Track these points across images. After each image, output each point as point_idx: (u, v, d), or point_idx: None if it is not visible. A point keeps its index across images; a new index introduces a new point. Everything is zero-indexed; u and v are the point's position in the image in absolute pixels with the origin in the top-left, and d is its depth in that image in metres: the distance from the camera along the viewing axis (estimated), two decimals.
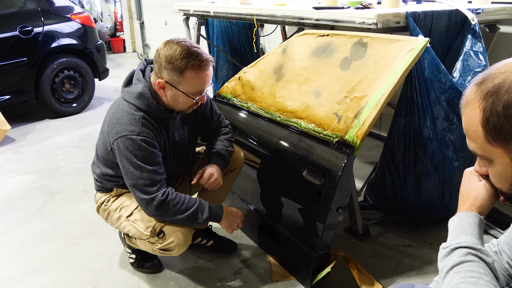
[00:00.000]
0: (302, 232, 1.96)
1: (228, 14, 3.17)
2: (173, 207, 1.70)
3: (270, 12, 2.72)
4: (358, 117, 1.81)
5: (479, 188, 0.98)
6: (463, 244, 0.89)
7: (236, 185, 2.41)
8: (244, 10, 2.97)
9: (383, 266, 2.11)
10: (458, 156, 2.17)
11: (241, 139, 2.35)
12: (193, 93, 1.73)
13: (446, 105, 2.10)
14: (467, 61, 2.24)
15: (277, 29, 4.10)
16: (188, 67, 1.65)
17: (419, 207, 2.27)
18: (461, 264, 0.87)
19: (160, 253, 1.81)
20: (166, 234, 1.76)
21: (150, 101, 1.74)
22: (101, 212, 1.98)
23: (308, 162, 1.90)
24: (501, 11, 2.45)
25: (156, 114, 1.76)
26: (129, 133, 1.69)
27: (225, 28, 4.12)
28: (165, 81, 1.70)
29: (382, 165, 2.30)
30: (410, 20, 2.05)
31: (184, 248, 1.80)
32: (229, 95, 2.65)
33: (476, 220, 0.95)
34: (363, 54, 1.99)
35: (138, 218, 1.83)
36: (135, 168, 1.68)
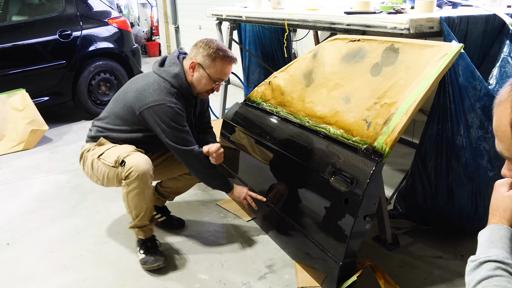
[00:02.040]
0: (329, 239, 1.93)
1: (260, 19, 3.19)
2: (203, 159, 2.12)
3: (302, 17, 2.71)
4: (387, 124, 1.78)
5: (507, 199, 0.95)
6: (492, 258, 0.87)
7: (263, 189, 2.42)
8: (275, 15, 2.97)
9: (411, 277, 2.05)
10: (494, 166, 2.10)
11: (269, 144, 2.35)
12: (215, 78, 2.12)
13: (481, 113, 2.03)
14: (504, 68, 2.17)
15: (309, 34, 4.09)
16: (219, 56, 2.09)
17: (451, 217, 2.20)
18: (489, 279, 0.84)
19: (126, 184, 2.04)
20: (126, 163, 2.02)
21: (183, 81, 2.13)
22: (83, 160, 2.25)
23: (336, 169, 1.88)
24: None
25: (184, 93, 2.14)
26: (167, 102, 2.04)
27: (257, 33, 4.14)
28: (198, 62, 2.11)
29: (413, 173, 2.25)
30: (444, 25, 2.00)
31: (145, 176, 2.02)
32: (259, 99, 2.66)
33: (508, 233, 0.92)
34: (394, 59, 1.96)
35: (107, 155, 2.10)
36: (173, 129, 2.04)
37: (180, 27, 8.54)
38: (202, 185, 3.05)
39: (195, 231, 2.49)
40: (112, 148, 2.14)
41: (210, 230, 2.51)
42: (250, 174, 2.59)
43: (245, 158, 2.64)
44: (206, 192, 2.98)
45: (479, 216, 2.19)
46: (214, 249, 2.32)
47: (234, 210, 2.70)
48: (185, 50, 8.44)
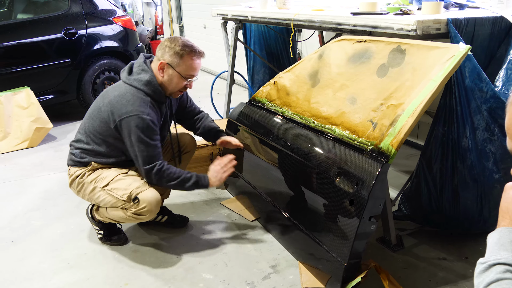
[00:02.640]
0: (333, 240, 1.93)
1: (266, 19, 3.19)
2: (167, 175, 2.07)
3: (308, 18, 2.71)
4: (394, 125, 1.78)
5: None
6: (502, 261, 0.86)
7: (268, 189, 2.42)
8: (281, 15, 2.97)
9: (415, 278, 2.05)
10: (499, 168, 2.09)
11: (274, 144, 2.35)
12: (186, 76, 2.11)
13: (487, 115, 2.02)
14: (511, 70, 2.16)
15: (314, 34, 4.09)
16: (186, 52, 2.07)
17: (456, 219, 2.20)
18: (499, 281, 0.84)
19: (133, 217, 2.11)
20: (140, 200, 2.06)
21: (156, 87, 2.10)
22: (75, 185, 2.23)
23: (341, 169, 1.88)
24: None
25: (158, 98, 2.13)
26: (140, 113, 2.02)
27: (263, 33, 4.14)
28: (166, 62, 2.08)
29: (418, 174, 2.24)
30: (451, 27, 1.99)
31: (154, 214, 2.11)
32: (264, 99, 2.66)
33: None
34: (401, 61, 1.95)
35: (115, 187, 2.11)
36: (141, 142, 2.02)
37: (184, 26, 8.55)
38: None
39: (199, 231, 2.50)
40: (115, 176, 2.13)
41: (214, 229, 2.51)
42: (255, 174, 2.59)
43: (249, 158, 2.64)
44: (210, 191, 2.98)
45: (484, 218, 2.18)
46: (218, 248, 2.32)
47: (238, 210, 2.71)
48: None
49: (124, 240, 2.38)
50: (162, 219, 2.51)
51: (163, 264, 2.20)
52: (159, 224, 2.50)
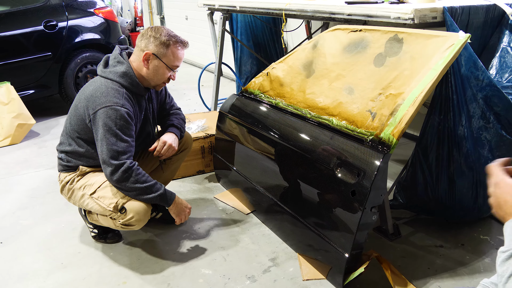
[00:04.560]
0: (335, 231, 1.92)
1: (255, 9, 3.14)
2: (136, 175, 1.92)
3: (300, 7, 2.67)
4: (394, 115, 1.77)
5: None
6: None
7: (264, 182, 2.40)
8: (272, 4, 2.93)
9: (415, 266, 2.06)
10: (494, 155, 2.11)
11: (269, 136, 2.32)
12: (172, 66, 2.04)
13: (483, 103, 2.04)
14: (504, 58, 2.18)
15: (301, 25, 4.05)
16: (172, 43, 2.01)
17: (451, 207, 2.21)
18: None
19: (122, 228, 2.02)
20: (127, 210, 1.96)
21: (133, 78, 2.01)
22: (65, 191, 2.15)
23: (341, 160, 1.87)
24: None
25: (136, 91, 2.04)
26: (114, 104, 1.91)
27: (249, 23, 4.08)
28: (152, 52, 1.99)
29: (413, 163, 2.25)
30: (447, 15, 1.99)
31: (143, 223, 2.02)
32: (256, 91, 2.62)
33: None
34: (398, 50, 1.94)
35: (101, 196, 2.02)
36: (112, 135, 1.89)
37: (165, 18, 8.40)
38: (198, 179, 3.02)
39: (194, 226, 2.46)
40: (103, 183, 2.03)
41: (209, 224, 2.48)
42: (250, 167, 2.56)
43: (244, 151, 2.61)
44: (203, 185, 2.94)
45: (478, 206, 2.21)
46: (215, 243, 2.29)
47: (233, 203, 2.68)
48: None
49: (119, 238, 2.33)
50: (157, 215, 2.46)
51: (161, 261, 2.16)
52: (153, 220, 2.45)
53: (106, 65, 2.07)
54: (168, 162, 2.40)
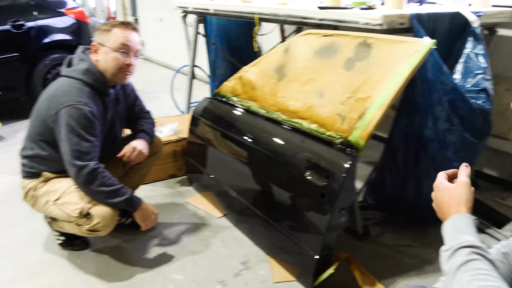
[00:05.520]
0: (304, 233, 1.94)
1: (229, 12, 3.14)
2: (101, 178, 1.88)
3: (273, 11, 2.69)
4: (362, 118, 1.81)
5: (456, 188, 1.02)
6: (465, 244, 0.91)
7: (236, 185, 2.40)
8: (245, 8, 2.94)
9: (383, 266, 2.10)
10: (459, 157, 2.17)
11: (241, 139, 2.33)
12: (118, 48, 1.96)
13: (448, 107, 2.10)
14: (468, 63, 2.25)
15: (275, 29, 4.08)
16: (114, 26, 1.98)
17: (419, 207, 2.27)
18: (468, 263, 0.88)
19: (88, 234, 1.97)
20: (93, 216, 1.91)
21: (96, 75, 1.97)
22: (29, 198, 2.09)
23: (311, 163, 1.89)
24: (500, 15, 2.46)
25: (100, 87, 1.99)
26: (76, 103, 1.86)
27: (224, 26, 4.09)
28: (97, 43, 1.98)
29: (382, 165, 2.30)
30: (414, 21, 2.04)
31: (110, 228, 1.98)
32: (229, 94, 2.63)
33: (471, 220, 0.98)
34: (367, 54, 1.98)
35: (66, 202, 1.96)
36: (75, 135, 1.85)
37: (140, 19, 8.32)
38: (170, 183, 3.00)
39: (165, 231, 2.44)
40: (67, 189, 1.97)
41: (180, 229, 2.46)
42: (222, 170, 2.57)
43: (216, 155, 2.61)
44: (175, 189, 2.92)
45: None
46: (186, 248, 2.28)
47: (204, 207, 2.67)
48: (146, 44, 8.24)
49: (86, 245, 2.27)
50: (126, 221, 2.42)
51: (130, 267, 2.12)
52: (123, 226, 2.41)
53: (69, 65, 2.03)
54: (137, 167, 2.36)
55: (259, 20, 2.83)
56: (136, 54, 2.05)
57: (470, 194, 1.02)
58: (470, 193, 1.02)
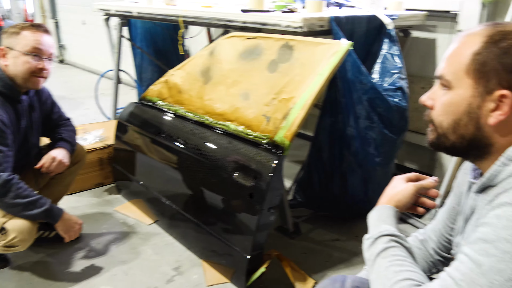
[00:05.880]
0: (235, 234, 1.95)
1: (153, 15, 3.09)
2: (15, 189, 1.77)
3: (197, 14, 2.69)
4: (286, 118, 1.85)
5: (400, 186, 1.07)
6: (385, 233, 0.96)
7: (165, 190, 2.36)
8: (169, 11, 2.90)
9: (314, 261, 2.17)
10: (379, 152, 2.29)
11: (169, 143, 2.29)
12: (28, 51, 1.87)
13: (368, 105, 2.20)
14: (385, 63, 2.38)
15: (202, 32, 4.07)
16: (23, 29, 1.89)
17: (345, 202, 2.37)
18: (386, 250, 0.93)
19: (5, 250, 1.86)
20: (8, 230, 1.79)
21: (5, 80, 1.87)
22: None
23: (238, 164, 1.90)
24: (413, 18, 2.63)
25: (10, 94, 1.89)
26: None
27: (149, 29, 4.01)
28: (6, 46, 1.88)
29: (309, 163, 2.37)
30: (333, 24, 2.13)
31: (29, 243, 1.86)
32: (155, 98, 2.58)
33: (393, 212, 1.03)
34: (289, 56, 2.04)
35: None
36: None
37: (60, 22, 7.92)
38: (97, 192, 2.89)
39: (93, 241, 2.34)
40: None
41: (109, 238, 2.37)
42: (151, 176, 2.51)
43: (144, 160, 2.55)
44: (103, 198, 2.81)
45: (369, 199, 2.38)
46: (116, 258, 2.20)
47: (134, 214, 2.60)
48: (68, 48, 7.87)
49: (6, 262, 2.11)
50: (49, 234, 2.28)
51: (55, 283, 2.01)
52: (46, 240, 2.27)
53: None
54: (59, 177, 2.23)
55: (184, 23, 2.81)
56: (49, 58, 1.96)
57: (408, 197, 1.04)
58: (408, 196, 1.04)
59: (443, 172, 2.80)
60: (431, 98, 0.97)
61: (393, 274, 0.88)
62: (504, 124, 0.86)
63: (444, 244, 1.19)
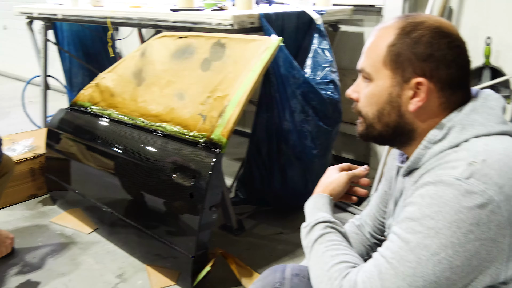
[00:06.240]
0: (178, 236, 1.94)
1: (79, 17, 2.97)
2: None
3: (125, 15, 2.62)
4: (222, 116, 1.86)
5: (333, 176, 1.10)
6: (321, 220, 0.99)
7: (104, 197, 2.29)
8: (96, 12, 2.81)
9: (259, 256, 2.19)
10: (316, 144, 2.35)
11: (104, 149, 2.22)
12: None
13: (302, 99, 2.26)
14: (316, 58, 2.45)
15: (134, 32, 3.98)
16: None
17: (286, 195, 2.41)
18: (323, 236, 0.96)
19: None
20: None
21: None
22: None
23: (177, 165, 1.88)
24: (341, 13, 2.72)
25: None
26: None
27: (77, 32, 3.85)
28: None
29: (249, 160, 2.39)
30: (263, 21, 2.16)
31: None
32: (86, 103, 2.49)
33: (328, 200, 1.07)
34: (222, 54, 2.04)
35: None
36: None
37: None
38: (31, 205, 2.74)
39: (28, 256, 2.22)
40: None
41: (46, 251, 2.26)
42: (87, 183, 2.42)
43: (79, 168, 2.45)
44: (37, 210, 2.68)
45: (309, 191, 2.36)
46: (54, 271, 2.10)
47: (72, 224, 2.49)
48: None
49: None
50: None
51: None
52: None
53: None
54: None
55: (112, 25, 2.73)
56: None
57: (342, 185, 1.08)
58: (342, 184, 1.08)
59: (377, 160, 2.93)
60: (355, 91, 1.01)
61: (330, 258, 0.91)
62: (423, 110, 0.91)
63: (379, 227, 1.24)
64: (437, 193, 0.79)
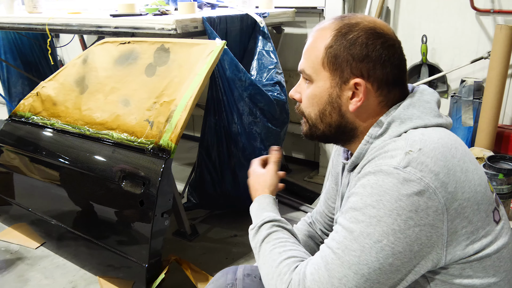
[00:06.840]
0: (130, 244, 1.90)
1: (15, 25, 2.84)
2: None
3: (64, 21, 2.54)
4: (169, 121, 1.84)
5: (264, 175, 1.14)
6: (266, 220, 1.01)
7: (51, 210, 2.21)
8: (33, 19, 2.70)
9: (214, 260, 2.19)
10: (265, 145, 2.39)
11: (49, 160, 2.15)
12: None
13: (249, 101, 2.28)
14: (261, 60, 2.48)
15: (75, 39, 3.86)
16: None
17: (238, 197, 2.43)
18: (269, 235, 0.98)
19: None
20: None
21: None
22: None
23: (126, 173, 1.85)
24: (284, 15, 2.78)
25: None
26: None
27: (14, 40, 3.69)
28: None
29: (200, 164, 2.39)
30: (206, 24, 2.16)
31: None
32: (27, 113, 2.40)
33: (271, 199, 1.09)
34: (166, 59, 2.03)
35: None
36: None
37: None
38: None
39: None
40: None
41: None
42: (33, 197, 2.33)
43: (23, 181, 2.35)
44: None
45: None
46: None
47: (17, 240, 2.39)
48: None
49: None
50: None
51: None
52: None
53: None
54: None
55: (51, 32, 2.64)
56: None
57: (275, 178, 1.13)
58: (275, 177, 1.13)
59: (327, 158, 3.01)
60: (298, 92, 1.03)
61: (277, 255, 0.92)
62: (363, 109, 0.94)
63: (329, 223, 1.27)
64: (377, 182, 0.82)
